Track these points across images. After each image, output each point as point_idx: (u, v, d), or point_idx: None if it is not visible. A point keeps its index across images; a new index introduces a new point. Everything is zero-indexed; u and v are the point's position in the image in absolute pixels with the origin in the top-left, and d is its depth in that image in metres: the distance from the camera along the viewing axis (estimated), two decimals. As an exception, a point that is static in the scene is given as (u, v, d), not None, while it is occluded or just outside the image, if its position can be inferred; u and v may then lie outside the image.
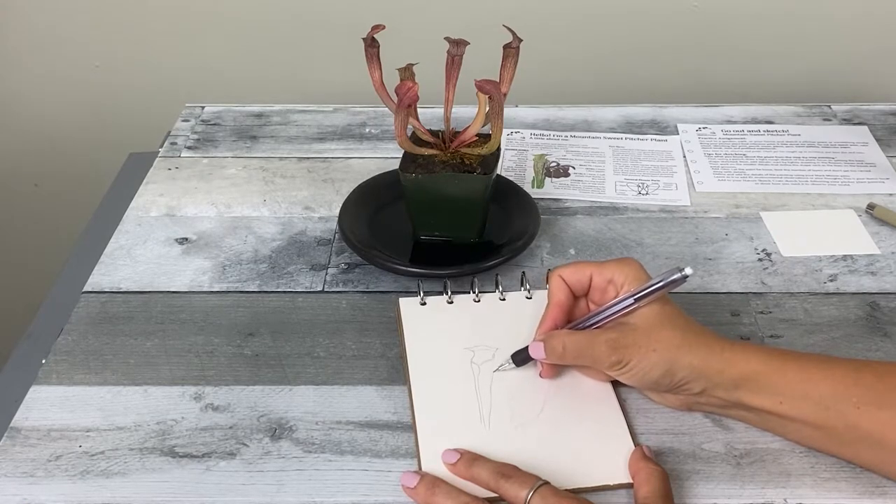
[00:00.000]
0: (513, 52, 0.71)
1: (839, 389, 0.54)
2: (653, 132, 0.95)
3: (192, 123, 0.96)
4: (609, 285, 0.61)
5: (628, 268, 0.60)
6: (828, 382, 0.54)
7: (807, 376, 0.55)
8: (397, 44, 0.75)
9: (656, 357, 0.56)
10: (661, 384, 0.57)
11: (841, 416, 0.54)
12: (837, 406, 0.54)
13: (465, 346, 0.65)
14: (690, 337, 0.57)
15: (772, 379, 0.55)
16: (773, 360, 0.56)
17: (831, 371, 0.55)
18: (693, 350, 0.56)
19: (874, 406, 0.53)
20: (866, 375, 0.54)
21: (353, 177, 0.86)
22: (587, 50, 1.15)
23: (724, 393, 0.57)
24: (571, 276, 0.62)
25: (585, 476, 0.56)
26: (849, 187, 0.85)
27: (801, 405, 0.55)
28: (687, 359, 0.56)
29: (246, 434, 0.60)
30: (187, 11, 1.13)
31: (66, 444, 0.59)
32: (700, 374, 0.56)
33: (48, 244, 1.30)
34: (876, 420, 0.53)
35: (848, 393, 0.54)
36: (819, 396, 0.54)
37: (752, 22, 1.12)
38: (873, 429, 0.53)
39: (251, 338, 0.68)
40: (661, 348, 0.56)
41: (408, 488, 0.55)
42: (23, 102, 1.22)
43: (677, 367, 0.56)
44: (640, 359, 0.56)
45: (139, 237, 0.79)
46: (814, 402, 0.55)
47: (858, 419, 0.53)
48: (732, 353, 0.56)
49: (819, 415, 0.55)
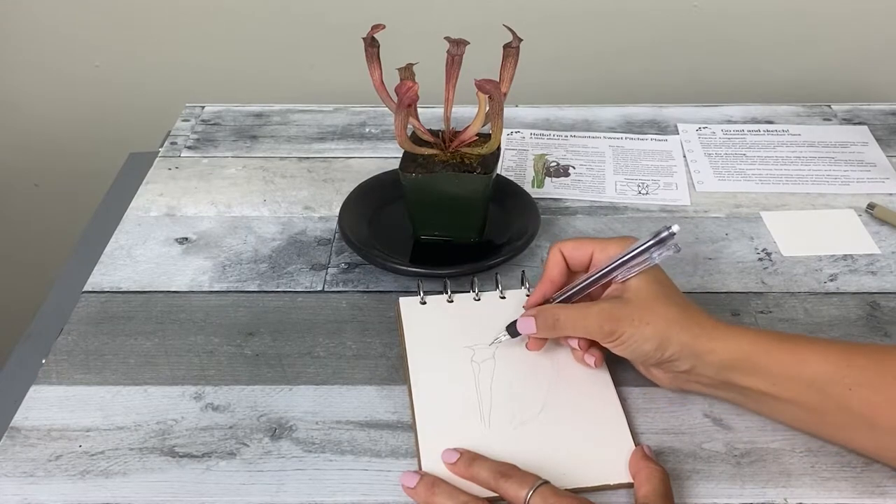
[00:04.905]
0: (513, 52, 0.71)
1: (831, 371, 0.54)
2: (653, 132, 0.95)
3: (192, 123, 0.96)
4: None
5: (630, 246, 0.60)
6: (820, 364, 0.54)
7: (799, 358, 0.55)
8: (397, 44, 0.75)
9: (650, 331, 0.56)
10: (652, 357, 0.57)
11: (833, 399, 0.54)
12: (829, 388, 0.54)
13: (464, 345, 0.65)
14: (684, 314, 0.57)
15: (763, 360, 0.55)
16: (764, 341, 0.56)
17: (824, 353, 0.55)
18: (686, 327, 0.56)
19: (866, 388, 0.53)
20: (858, 358, 0.54)
21: (353, 177, 0.86)
22: (587, 50, 1.15)
23: (712, 372, 0.57)
24: (572, 251, 0.62)
25: (585, 476, 0.56)
26: (849, 187, 0.85)
27: (793, 387, 0.55)
28: (679, 336, 0.56)
29: (246, 434, 0.60)
30: (187, 11, 1.13)
31: (66, 443, 0.59)
32: (690, 353, 0.56)
33: (48, 244, 1.30)
34: (868, 402, 0.53)
35: (840, 375, 0.53)
36: (811, 378, 0.54)
37: (752, 22, 1.12)
38: (865, 411, 0.53)
39: (251, 338, 0.68)
40: (654, 322, 0.56)
41: (408, 488, 0.55)
42: (23, 102, 1.22)
43: (668, 343, 0.56)
44: (633, 331, 0.56)
45: (139, 237, 0.79)
46: (806, 383, 0.54)
47: (850, 401, 0.53)
48: (723, 334, 0.56)
49: (811, 397, 0.54)
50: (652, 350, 0.57)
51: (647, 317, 0.56)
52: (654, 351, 0.57)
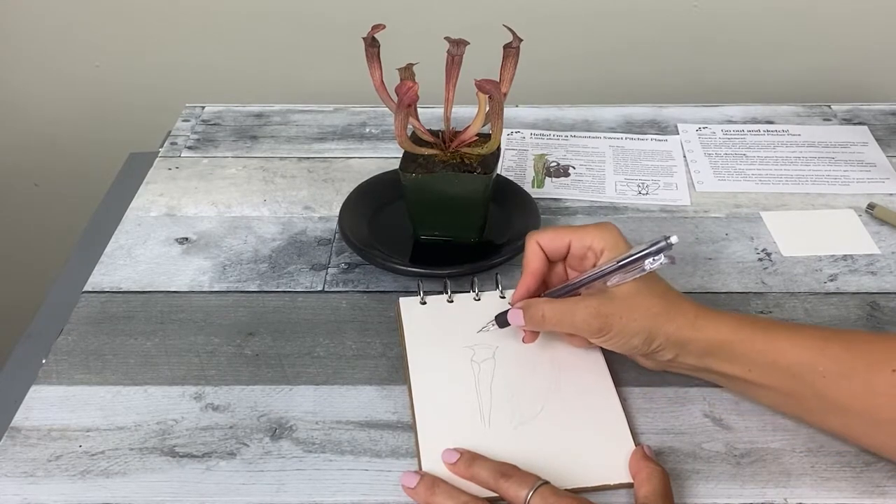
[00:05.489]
0: (513, 52, 0.71)
1: (806, 358, 0.55)
2: (653, 132, 0.95)
3: (192, 123, 0.96)
4: (588, 251, 0.61)
5: (608, 233, 0.60)
6: (795, 352, 0.55)
7: (775, 346, 0.56)
8: (397, 44, 0.75)
9: (637, 325, 0.57)
10: (640, 350, 0.58)
11: (808, 385, 0.55)
12: (805, 375, 0.55)
13: (464, 345, 0.65)
14: (668, 305, 0.58)
15: (740, 348, 0.56)
16: (743, 329, 0.57)
17: (800, 340, 0.56)
18: (670, 318, 0.57)
19: (840, 375, 0.54)
20: (833, 345, 0.55)
21: (353, 177, 0.86)
22: (587, 50, 1.15)
23: (694, 360, 0.58)
24: (550, 243, 0.62)
25: (585, 476, 0.56)
26: (849, 187, 0.85)
27: (769, 373, 0.56)
28: (664, 327, 0.57)
29: (246, 434, 0.60)
30: (187, 11, 1.13)
31: (66, 443, 0.59)
32: (674, 343, 0.57)
33: (48, 244, 1.30)
34: (841, 389, 0.54)
35: (815, 362, 0.55)
36: (787, 365, 0.55)
37: (752, 22, 1.12)
38: (839, 397, 0.54)
39: (251, 338, 0.68)
40: (640, 317, 0.57)
41: (408, 488, 0.55)
42: (23, 102, 1.22)
43: (655, 336, 0.57)
44: (621, 327, 0.57)
45: (139, 237, 0.79)
46: (781, 370, 0.56)
47: (825, 388, 0.54)
48: (703, 321, 0.57)
49: (786, 383, 0.56)
50: (640, 344, 0.58)
51: (633, 312, 0.57)
52: (642, 344, 0.58)
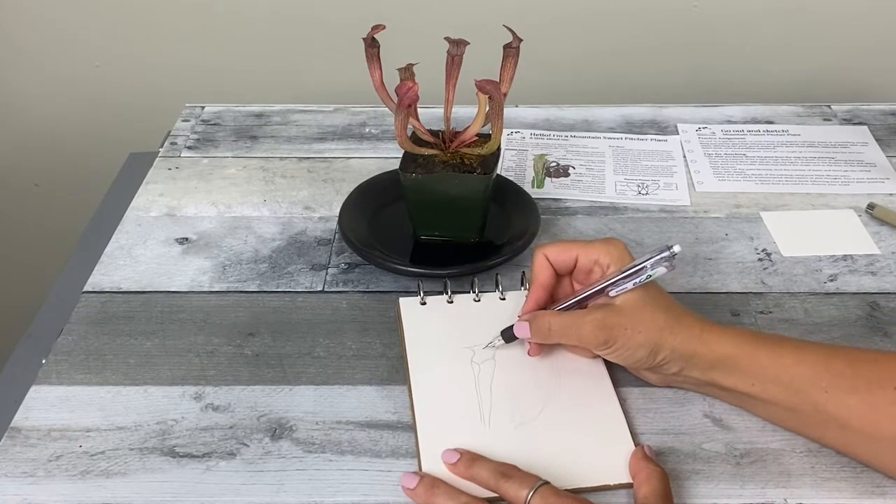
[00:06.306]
0: (513, 52, 0.71)
1: (809, 374, 0.55)
2: (653, 132, 0.95)
3: (192, 123, 0.96)
4: (595, 266, 0.62)
5: (614, 249, 0.61)
6: (798, 367, 0.56)
7: (778, 361, 0.56)
8: (397, 44, 0.75)
9: (642, 338, 0.57)
10: (645, 363, 0.58)
11: (810, 400, 0.55)
12: (807, 390, 0.55)
13: (465, 345, 0.65)
14: (673, 319, 0.58)
15: (744, 362, 0.57)
16: (747, 343, 0.57)
17: (803, 356, 0.56)
18: (676, 332, 0.57)
19: (842, 391, 0.54)
20: (836, 362, 0.56)
21: (353, 177, 0.86)
22: (587, 50, 1.15)
23: (699, 373, 0.58)
24: (557, 256, 0.63)
25: (585, 476, 0.56)
26: (849, 187, 0.85)
27: (772, 388, 0.56)
28: (669, 341, 0.57)
29: (246, 434, 0.60)
30: (187, 11, 1.13)
31: (66, 444, 0.59)
32: (679, 356, 0.58)
33: (48, 244, 1.30)
34: (842, 405, 0.54)
35: (817, 378, 0.55)
36: (790, 380, 0.56)
37: (752, 22, 1.12)
38: (840, 413, 0.55)
39: (251, 338, 0.68)
40: (645, 330, 0.57)
41: (408, 489, 0.55)
42: (23, 102, 1.22)
43: (660, 349, 0.57)
44: (626, 339, 0.57)
45: (139, 237, 0.79)
46: (784, 385, 0.56)
47: (826, 403, 0.55)
48: (709, 336, 0.57)
49: (789, 398, 0.56)
50: (645, 356, 0.58)
51: (639, 325, 0.57)
52: (647, 357, 0.58)
